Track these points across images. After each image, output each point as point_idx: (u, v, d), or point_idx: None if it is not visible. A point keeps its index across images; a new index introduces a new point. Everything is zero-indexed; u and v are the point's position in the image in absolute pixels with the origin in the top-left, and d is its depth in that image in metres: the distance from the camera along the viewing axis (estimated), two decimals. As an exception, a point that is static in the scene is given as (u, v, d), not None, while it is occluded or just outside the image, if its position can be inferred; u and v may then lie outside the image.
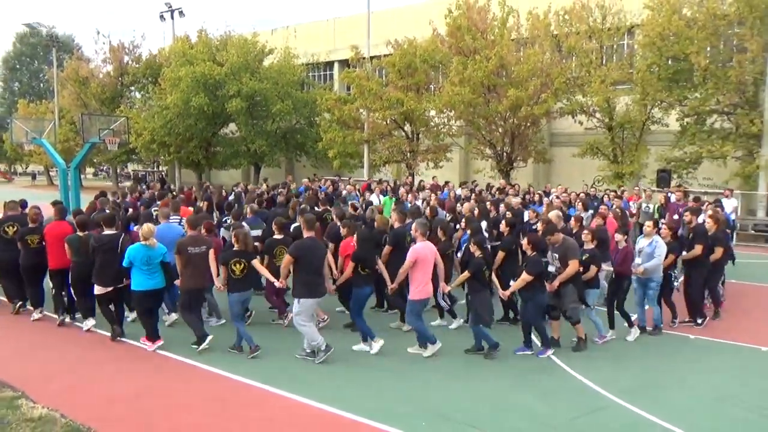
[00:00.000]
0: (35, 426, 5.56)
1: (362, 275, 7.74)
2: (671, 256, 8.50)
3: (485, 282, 7.66)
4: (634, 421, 5.86)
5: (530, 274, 7.40)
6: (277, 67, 29.92)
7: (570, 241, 8.00)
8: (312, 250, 7.28)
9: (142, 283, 7.63)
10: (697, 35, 18.02)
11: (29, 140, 19.99)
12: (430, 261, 7.53)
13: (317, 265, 7.34)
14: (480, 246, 7.63)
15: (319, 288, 7.38)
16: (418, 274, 7.44)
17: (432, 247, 7.69)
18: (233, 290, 7.52)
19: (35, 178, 54.89)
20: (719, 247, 9.00)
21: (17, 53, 59.77)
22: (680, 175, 19.85)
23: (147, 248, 7.59)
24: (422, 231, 7.56)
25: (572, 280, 7.73)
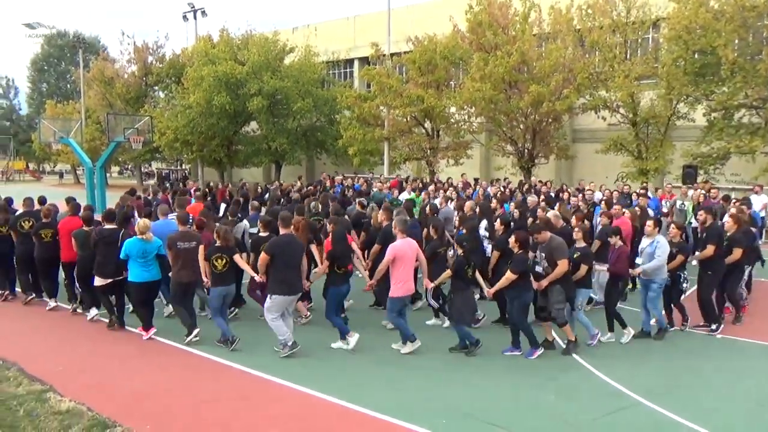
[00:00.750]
0: (63, 419, 5.67)
1: (338, 274, 7.75)
2: (680, 257, 8.19)
3: (467, 280, 7.54)
4: (658, 421, 5.76)
5: (514, 272, 7.28)
6: (298, 66, 30.10)
7: (557, 240, 7.69)
8: (288, 247, 7.35)
9: (139, 275, 7.98)
10: (724, 27, 17.62)
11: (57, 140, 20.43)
12: (410, 258, 7.51)
13: (293, 263, 7.39)
14: (461, 244, 7.59)
15: (294, 285, 7.43)
16: (397, 272, 7.44)
17: (413, 245, 7.67)
18: (215, 284, 7.75)
19: (63, 176, 56.03)
20: (737, 248, 8.51)
21: (45, 55, 61.10)
22: (707, 171, 19.44)
23: (143, 242, 7.93)
24: (401, 228, 7.57)
25: (560, 280, 7.48)
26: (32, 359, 7.32)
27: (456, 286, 7.51)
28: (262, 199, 15.01)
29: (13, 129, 60.72)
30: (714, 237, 8.47)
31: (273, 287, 7.33)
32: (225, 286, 7.79)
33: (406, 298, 7.75)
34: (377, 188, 16.54)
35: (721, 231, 8.59)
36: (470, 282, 7.66)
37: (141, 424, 5.59)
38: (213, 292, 7.83)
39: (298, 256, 7.51)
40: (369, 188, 17.40)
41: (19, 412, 5.81)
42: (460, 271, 7.44)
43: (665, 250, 7.97)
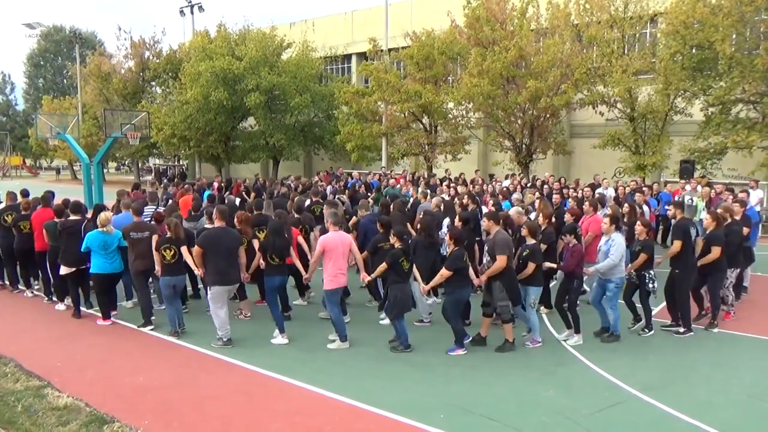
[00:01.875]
0: (61, 414, 5.68)
1: (273, 265, 7.85)
2: (643, 255, 7.86)
3: (403, 274, 7.49)
4: (657, 415, 5.79)
5: (448, 269, 7.25)
6: (296, 61, 30.01)
7: (501, 235, 7.53)
8: (220, 239, 7.57)
9: (102, 267, 8.38)
10: (722, 22, 17.60)
11: (54, 135, 20.40)
12: (340, 251, 7.56)
13: (226, 254, 7.58)
14: (400, 237, 7.56)
15: (229, 275, 7.61)
16: (328, 264, 7.52)
17: (344, 238, 7.72)
18: (164, 274, 7.99)
19: (59, 172, 55.92)
20: (715, 246, 8.14)
21: (41, 50, 60.85)
22: (704, 166, 19.46)
23: (104, 234, 8.29)
24: (333, 221, 7.67)
25: (502, 276, 7.38)
26: (30, 355, 7.33)
27: (391, 279, 7.53)
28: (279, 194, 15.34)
29: (9, 124, 60.49)
30: (679, 233, 8.11)
31: (210, 278, 7.60)
32: (173, 276, 8.02)
33: (341, 290, 7.80)
34: (391, 184, 16.71)
35: (687, 227, 8.12)
36: (407, 276, 7.57)
37: (140, 419, 5.60)
38: (162, 281, 8.07)
39: (231, 248, 7.66)
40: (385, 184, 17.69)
41: (17, 408, 5.81)
42: (395, 265, 7.42)
43: (620, 249, 7.67)
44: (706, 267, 8.26)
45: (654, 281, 8.00)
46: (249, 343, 7.82)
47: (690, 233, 8.06)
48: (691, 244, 8.13)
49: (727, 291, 8.77)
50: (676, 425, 5.59)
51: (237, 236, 7.94)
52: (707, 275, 8.37)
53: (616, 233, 7.86)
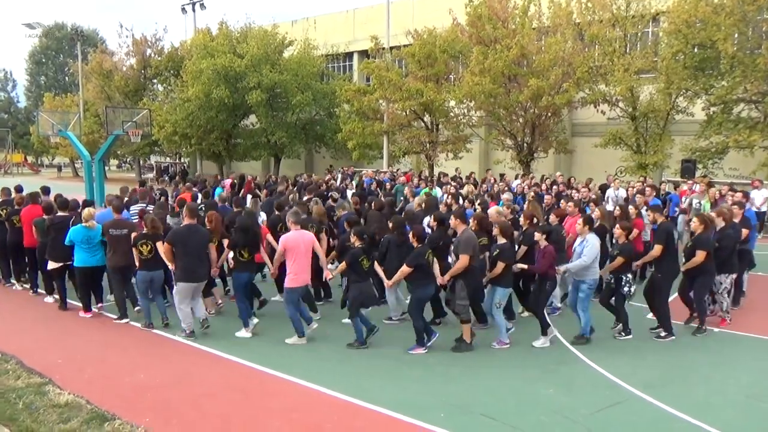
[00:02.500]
0: (62, 412, 5.69)
1: (241, 261, 7.96)
2: (619, 258, 7.75)
3: (362, 273, 7.51)
4: (657, 415, 5.79)
5: (409, 266, 7.27)
6: (297, 59, 29.98)
7: (466, 235, 7.50)
8: (188, 237, 7.74)
9: (85, 261, 8.62)
10: (724, 21, 17.56)
11: (55, 132, 20.46)
12: (302, 250, 7.62)
13: (194, 251, 7.75)
14: (359, 236, 7.57)
15: (196, 273, 7.78)
16: (289, 263, 7.60)
17: (306, 237, 7.77)
18: (141, 268, 8.17)
19: (61, 169, 55.93)
20: (701, 250, 7.90)
21: (43, 47, 60.84)
22: (705, 165, 19.43)
23: (87, 229, 8.53)
24: (294, 220, 7.76)
25: (464, 276, 7.34)
26: (31, 352, 7.34)
27: (350, 278, 7.57)
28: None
29: (11, 122, 60.53)
30: (662, 236, 7.94)
31: (177, 274, 7.77)
32: (150, 271, 8.15)
33: (301, 289, 7.81)
34: (400, 182, 16.91)
35: (669, 230, 8.05)
36: (367, 274, 7.59)
37: (140, 417, 5.61)
38: (139, 275, 8.23)
39: (199, 245, 7.83)
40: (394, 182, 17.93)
41: (18, 405, 5.82)
42: (354, 264, 7.44)
43: (593, 250, 7.58)
44: (692, 270, 8.07)
45: (630, 285, 7.85)
46: (247, 340, 7.85)
47: (673, 237, 8.02)
48: (674, 248, 8.04)
49: (722, 297, 8.50)
50: (676, 425, 5.59)
51: (205, 234, 8.09)
52: (694, 278, 8.17)
53: (591, 234, 7.74)
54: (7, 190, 10.96)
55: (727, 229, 8.49)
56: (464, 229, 7.58)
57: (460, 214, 7.81)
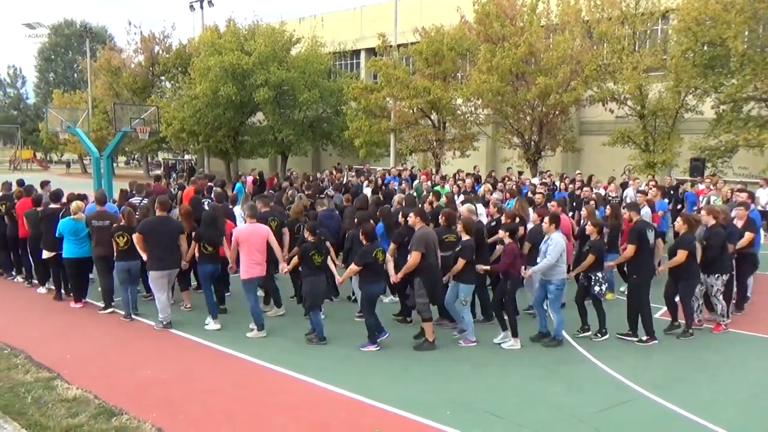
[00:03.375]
0: (70, 406, 5.73)
1: (205, 253, 8.20)
2: (591, 257, 7.61)
3: (314, 267, 7.54)
4: (662, 414, 5.77)
5: (356, 264, 7.33)
6: (305, 56, 30.00)
7: (420, 232, 7.45)
8: (158, 227, 8.11)
9: (72, 252, 8.92)
10: (734, 19, 17.41)
11: (64, 129, 20.53)
12: (254, 242, 7.78)
13: (164, 242, 8.09)
14: (312, 232, 7.60)
15: (167, 261, 8.10)
16: (243, 255, 7.79)
17: (260, 230, 7.92)
18: (118, 259, 8.50)
19: (69, 166, 56.22)
20: (682, 250, 7.69)
21: (52, 44, 61.10)
22: (714, 164, 19.30)
23: (75, 222, 8.84)
24: (249, 213, 7.98)
25: (419, 273, 7.34)
26: (40, 346, 7.41)
27: (304, 272, 7.62)
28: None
29: (20, 118, 60.86)
30: (634, 237, 7.74)
31: (149, 263, 8.13)
32: (127, 261, 8.44)
33: (256, 280, 7.96)
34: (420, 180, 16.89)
35: (642, 230, 7.78)
36: (319, 269, 7.62)
37: (147, 412, 5.65)
38: (117, 266, 8.54)
39: (169, 236, 8.15)
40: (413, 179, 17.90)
41: (27, 399, 5.87)
42: (306, 258, 7.50)
43: (557, 249, 7.40)
44: (676, 272, 7.88)
45: (602, 284, 7.71)
46: (258, 339, 7.86)
47: (647, 237, 7.74)
48: (648, 249, 7.79)
49: (716, 299, 8.19)
50: (682, 424, 5.57)
51: (176, 225, 8.41)
52: (677, 281, 7.94)
53: (556, 233, 7.56)
54: (7, 185, 11.33)
55: (716, 227, 8.15)
56: (421, 227, 7.57)
57: (418, 212, 7.82)
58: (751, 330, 8.37)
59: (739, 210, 9.14)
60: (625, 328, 7.95)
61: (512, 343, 7.58)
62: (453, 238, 7.81)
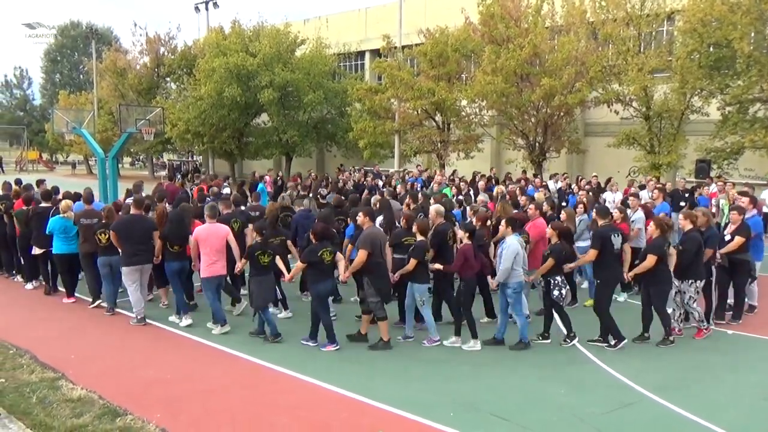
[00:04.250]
0: (74, 406, 5.75)
1: (171, 251, 8.42)
2: (550, 260, 7.51)
3: (260, 268, 7.66)
4: (667, 416, 5.74)
5: (302, 261, 7.45)
6: (309, 58, 30.02)
7: (367, 231, 7.54)
8: (131, 225, 8.46)
9: (61, 248, 9.31)
10: (741, 20, 17.34)
11: (70, 130, 20.61)
12: (213, 242, 7.99)
13: (138, 239, 8.40)
14: (259, 232, 7.81)
15: (137, 257, 8.41)
16: (202, 254, 8.03)
17: (220, 230, 8.15)
18: (100, 254, 8.84)
19: (75, 167, 56.42)
20: (650, 255, 7.48)
21: (58, 46, 61.39)
22: (720, 165, 19.21)
23: (64, 220, 9.20)
24: (209, 214, 8.21)
25: (367, 272, 7.41)
26: (44, 346, 7.44)
27: (251, 272, 7.77)
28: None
29: (26, 119, 61.17)
30: (596, 241, 7.62)
31: (122, 259, 8.48)
32: (108, 257, 8.76)
33: (216, 279, 8.10)
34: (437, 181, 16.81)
35: (605, 234, 7.56)
36: (266, 269, 7.73)
37: (151, 412, 5.66)
38: (99, 260, 8.87)
39: (141, 233, 8.45)
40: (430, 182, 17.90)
41: (32, 399, 5.90)
42: (252, 258, 7.66)
43: (510, 252, 7.35)
44: (647, 278, 7.69)
45: (561, 288, 7.56)
46: (257, 338, 7.87)
47: (611, 241, 7.53)
48: (612, 253, 7.56)
49: (690, 307, 7.93)
50: (687, 426, 5.54)
51: (149, 224, 8.69)
52: (649, 287, 7.74)
53: (511, 236, 7.52)
54: (7, 185, 11.60)
55: (692, 231, 7.89)
56: (369, 226, 7.66)
57: (367, 212, 7.91)
58: (757, 333, 8.32)
59: (733, 214, 8.74)
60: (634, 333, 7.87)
61: (472, 344, 7.58)
62: (412, 241, 7.82)
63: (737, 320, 8.66)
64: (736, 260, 8.45)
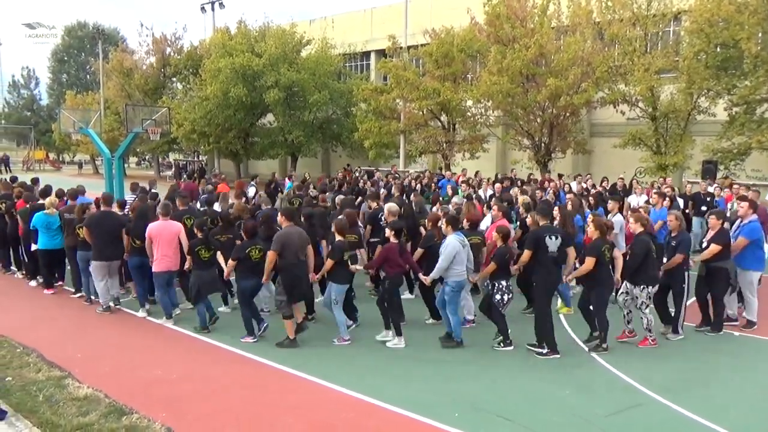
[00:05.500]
0: (81, 405, 5.78)
1: (134, 246, 8.78)
2: (492, 264, 7.40)
3: (200, 263, 8.05)
4: (672, 418, 5.72)
5: (233, 259, 7.66)
6: (315, 58, 30.07)
7: (281, 232, 7.60)
8: (101, 222, 8.86)
9: (45, 243, 9.77)
10: (748, 20, 17.24)
11: (76, 130, 20.72)
12: (165, 238, 8.40)
13: (107, 235, 8.80)
14: (200, 228, 8.14)
15: (106, 253, 8.83)
16: (155, 249, 8.42)
17: (172, 227, 8.52)
18: (79, 248, 9.26)
19: (82, 167, 56.63)
20: (588, 257, 7.30)
21: (66, 46, 61.63)
22: (727, 166, 19.11)
23: (48, 216, 9.65)
24: (162, 212, 8.62)
25: (278, 271, 7.54)
26: (51, 345, 7.48)
27: (193, 266, 8.17)
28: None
29: (33, 119, 61.39)
30: (529, 242, 7.42)
31: (93, 254, 8.88)
32: (86, 251, 9.12)
33: (166, 274, 8.47)
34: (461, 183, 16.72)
35: (539, 236, 7.32)
36: (206, 263, 8.07)
37: (156, 411, 5.69)
38: (78, 254, 9.32)
39: (110, 229, 8.84)
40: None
41: (39, 398, 5.93)
42: (192, 253, 8.09)
43: (448, 252, 7.29)
44: (587, 281, 7.54)
45: (504, 293, 7.40)
46: (262, 338, 7.87)
47: (545, 243, 7.26)
48: (547, 255, 7.28)
49: (641, 312, 7.64)
50: (693, 428, 5.52)
51: (118, 219, 9.08)
52: (590, 290, 7.57)
53: (451, 236, 7.46)
54: (7, 184, 11.95)
55: (642, 235, 7.63)
56: (287, 226, 7.69)
57: (285, 212, 7.95)
58: (764, 335, 8.26)
59: (711, 219, 8.21)
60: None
61: (396, 342, 7.62)
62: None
63: (717, 331, 8.17)
64: (712, 268, 8.02)
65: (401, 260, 7.71)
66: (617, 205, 9.89)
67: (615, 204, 9.85)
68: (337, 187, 16.97)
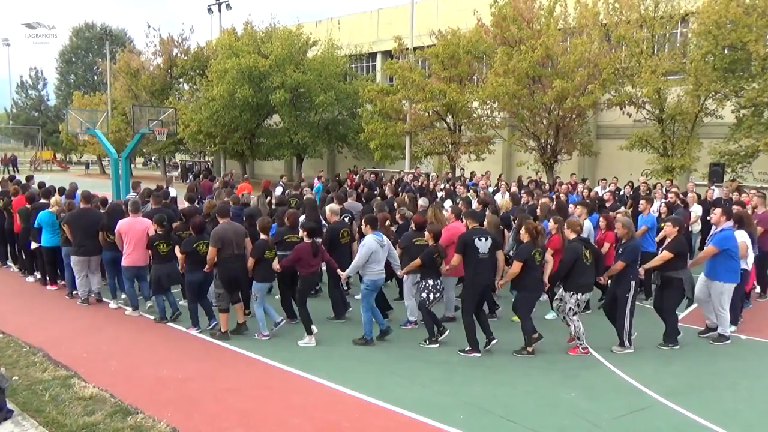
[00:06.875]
0: (86, 404, 5.80)
1: (108, 241, 9.13)
2: (416, 261, 7.59)
3: (158, 256, 8.39)
4: (680, 421, 5.68)
5: (182, 252, 8.01)
6: (321, 59, 30.11)
7: (217, 228, 7.89)
8: (80, 219, 9.22)
9: (48, 241, 10.01)
10: (756, 22, 17.16)
11: (83, 130, 20.81)
12: (133, 234, 8.70)
13: (86, 231, 9.14)
14: (159, 224, 8.42)
15: (85, 248, 9.20)
16: (124, 246, 8.75)
17: (141, 224, 8.80)
18: (62, 245, 9.65)
19: (89, 167, 56.91)
20: (515, 261, 7.33)
21: (73, 47, 61.96)
22: (734, 169, 19.00)
23: (51, 215, 9.92)
24: (131, 209, 8.94)
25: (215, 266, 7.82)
26: (57, 345, 7.51)
27: (152, 260, 8.60)
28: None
29: (41, 120, 61.72)
30: (459, 245, 7.38)
31: (72, 249, 9.28)
32: (69, 247, 9.42)
33: (134, 269, 8.83)
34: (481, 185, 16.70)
35: (468, 240, 7.29)
36: (165, 258, 8.38)
37: (162, 410, 5.69)
38: (63, 251, 9.67)
39: (88, 226, 9.18)
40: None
41: (45, 397, 5.95)
42: (151, 247, 8.44)
43: (364, 251, 7.53)
44: (515, 284, 7.60)
45: (431, 293, 7.49)
46: (270, 339, 7.90)
47: (475, 246, 7.23)
48: (477, 260, 7.25)
49: (568, 318, 7.49)
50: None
51: (96, 216, 9.34)
52: (517, 294, 7.60)
53: (369, 235, 7.69)
54: (6, 182, 12.29)
55: (573, 242, 7.53)
56: (223, 222, 7.92)
57: (220, 210, 8.20)
58: (772, 338, 8.22)
59: (667, 226, 7.93)
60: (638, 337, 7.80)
61: (306, 341, 7.72)
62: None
63: (672, 344, 7.74)
64: (665, 278, 7.74)
65: (314, 261, 7.87)
66: (648, 205, 10.38)
67: (646, 204, 10.36)
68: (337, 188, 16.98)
